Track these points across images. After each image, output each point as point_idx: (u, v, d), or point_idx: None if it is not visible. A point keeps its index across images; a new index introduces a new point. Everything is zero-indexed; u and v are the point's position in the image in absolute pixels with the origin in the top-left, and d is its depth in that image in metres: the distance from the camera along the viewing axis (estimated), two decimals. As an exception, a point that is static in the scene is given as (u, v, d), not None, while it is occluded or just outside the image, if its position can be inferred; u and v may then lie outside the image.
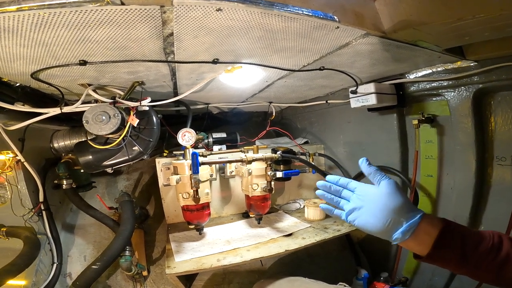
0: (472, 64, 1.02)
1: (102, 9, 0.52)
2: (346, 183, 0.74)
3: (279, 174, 1.30)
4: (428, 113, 1.25)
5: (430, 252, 0.59)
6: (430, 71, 1.15)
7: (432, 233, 0.59)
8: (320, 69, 1.06)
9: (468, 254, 0.57)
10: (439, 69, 1.12)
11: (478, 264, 0.57)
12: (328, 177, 0.77)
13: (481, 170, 1.12)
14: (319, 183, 0.77)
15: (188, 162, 1.21)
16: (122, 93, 1.08)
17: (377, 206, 0.65)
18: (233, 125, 2.11)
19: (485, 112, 1.09)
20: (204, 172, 1.25)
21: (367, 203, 0.68)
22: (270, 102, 1.76)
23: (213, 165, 1.52)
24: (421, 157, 1.32)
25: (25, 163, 1.23)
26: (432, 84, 1.17)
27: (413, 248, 0.63)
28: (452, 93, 1.12)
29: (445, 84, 1.13)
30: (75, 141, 1.34)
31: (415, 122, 1.23)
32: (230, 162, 1.41)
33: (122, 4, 0.51)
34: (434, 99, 1.24)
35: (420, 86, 1.23)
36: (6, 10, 0.50)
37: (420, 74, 1.20)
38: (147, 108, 1.09)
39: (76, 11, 0.52)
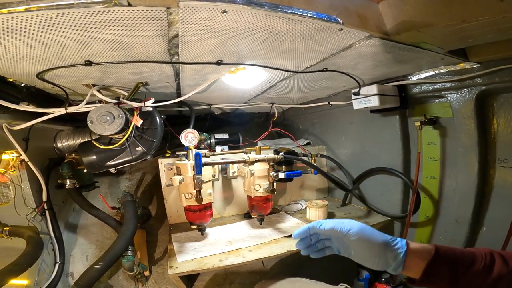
0: (475, 66, 1.03)
1: (109, 10, 0.53)
2: (318, 234, 0.75)
3: (282, 175, 1.30)
4: (430, 114, 1.25)
5: (419, 280, 0.63)
6: (433, 72, 1.16)
7: (421, 266, 0.62)
8: (323, 71, 1.06)
9: (458, 278, 0.59)
10: (442, 71, 1.12)
11: (469, 285, 0.58)
12: (294, 235, 0.80)
13: (484, 171, 1.11)
14: (297, 243, 0.80)
15: (191, 162, 1.22)
16: (126, 94, 1.09)
17: (360, 255, 0.68)
18: (235, 126, 2.12)
19: (488, 114, 1.09)
20: (207, 172, 1.26)
21: (350, 249, 0.70)
22: (273, 103, 1.76)
23: (216, 166, 1.52)
24: (424, 159, 1.32)
25: (29, 163, 1.23)
26: (435, 86, 1.17)
27: (410, 275, 0.66)
28: (455, 95, 1.12)
29: (448, 85, 1.13)
30: (78, 141, 1.35)
31: (418, 123, 1.23)
32: (232, 162, 1.41)
33: (129, 5, 0.52)
34: (436, 100, 1.24)
35: (422, 87, 1.23)
36: (14, 11, 0.50)
37: (423, 75, 1.20)
38: (150, 109, 1.10)
39: (84, 12, 0.52)
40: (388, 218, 1.47)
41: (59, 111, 1.02)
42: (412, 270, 0.64)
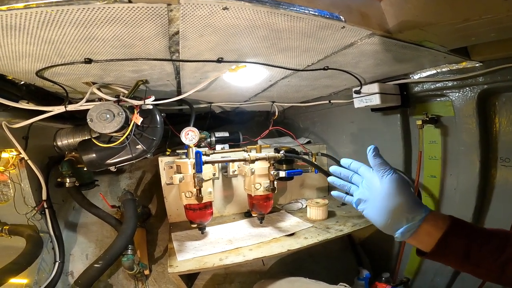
0: (477, 64, 1.02)
1: (109, 7, 0.52)
2: (357, 168, 0.73)
3: (282, 174, 1.30)
4: (432, 113, 1.24)
5: (431, 252, 0.60)
6: (435, 71, 1.15)
7: (435, 235, 0.59)
8: (324, 69, 1.06)
9: (471, 253, 0.57)
10: (444, 69, 1.12)
11: (480, 263, 0.57)
12: (342, 161, 0.76)
13: (485, 171, 1.11)
14: (332, 168, 0.78)
15: (191, 161, 1.21)
16: (126, 92, 1.08)
17: (378, 204, 0.65)
18: (236, 124, 2.11)
19: (490, 113, 1.09)
20: (207, 171, 1.25)
21: (372, 197, 0.68)
22: (273, 102, 1.76)
23: (216, 164, 1.52)
24: (425, 158, 1.32)
25: (29, 161, 1.23)
26: (437, 85, 1.17)
27: (416, 245, 0.64)
28: (457, 94, 1.12)
29: (450, 84, 1.12)
30: (78, 139, 1.34)
31: (419, 122, 1.23)
32: (233, 161, 1.41)
33: (130, 2, 0.51)
34: (438, 99, 1.24)
35: (424, 86, 1.23)
36: (13, 7, 0.50)
37: (424, 74, 1.20)
38: (151, 107, 1.09)
39: (83, 8, 0.52)
40: (389, 217, 1.46)
41: (58, 109, 1.01)
42: (422, 238, 0.61)
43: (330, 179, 0.78)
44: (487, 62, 0.99)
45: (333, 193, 0.78)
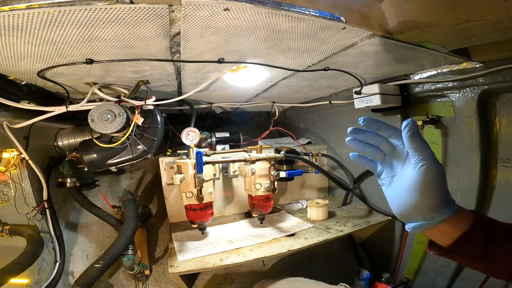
0: (477, 65, 1.02)
1: (111, 8, 0.53)
2: (389, 134, 0.60)
3: (283, 174, 1.30)
4: (432, 114, 1.24)
5: (447, 249, 0.55)
6: (435, 72, 1.15)
7: (452, 234, 0.53)
8: (324, 70, 1.06)
9: (490, 251, 0.52)
10: (444, 70, 1.12)
11: (495, 261, 0.53)
12: (364, 120, 0.61)
13: (485, 171, 1.11)
14: (351, 129, 0.63)
15: (192, 161, 1.21)
16: (127, 92, 1.08)
17: (402, 191, 0.56)
18: (236, 125, 2.12)
19: (490, 113, 1.09)
20: (208, 171, 1.26)
21: (398, 179, 0.58)
22: (273, 102, 1.76)
23: (216, 165, 1.52)
24: (425, 158, 1.32)
25: (30, 161, 1.23)
26: (437, 85, 1.17)
27: (431, 237, 0.58)
28: (457, 94, 1.12)
29: (450, 85, 1.12)
30: (79, 139, 1.34)
31: (420, 123, 1.22)
32: (233, 161, 1.41)
33: (131, 2, 0.52)
34: (438, 100, 1.24)
35: (425, 87, 1.23)
36: (15, 8, 0.50)
37: (425, 75, 1.20)
38: (151, 107, 1.10)
39: (85, 9, 0.52)
40: (389, 217, 1.46)
41: (60, 109, 1.02)
42: (436, 235, 0.55)
43: (350, 141, 0.63)
44: (488, 62, 0.99)
45: (352, 154, 0.65)
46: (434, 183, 0.54)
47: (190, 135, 1.27)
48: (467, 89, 1.09)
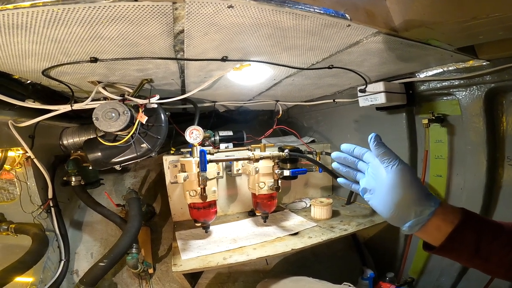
0: (484, 63, 1.01)
1: (115, 5, 0.53)
2: (361, 154, 0.69)
3: (287, 173, 1.30)
4: (438, 112, 1.23)
5: (440, 246, 0.57)
6: (441, 70, 1.14)
7: (444, 229, 0.56)
8: (329, 68, 1.05)
9: (481, 248, 0.54)
10: (450, 68, 1.11)
11: (490, 257, 0.54)
12: (343, 146, 0.72)
13: (492, 170, 1.10)
14: (334, 154, 0.74)
15: (195, 159, 1.21)
16: (131, 91, 1.08)
17: (384, 196, 0.62)
18: (239, 123, 2.12)
19: (497, 111, 1.08)
20: (211, 170, 1.26)
21: (378, 188, 0.64)
22: (277, 101, 1.75)
23: (220, 163, 1.52)
24: (431, 157, 1.31)
25: (35, 160, 1.23)
26: (443, 83, 1.16)
27: (424, 238, 0.61)
28: (464, 93, 1.11)
29: (457, 83, 1.11)
30: (84, 138, 1.35)
31: (425, 121, 1.22)
32: (237, 160, 1.41)
33: (135, 0, 0.51)
34: (444, 98, 1.22)
35: (430, 85, 1.21)
36: (20, 6, 0.50)
37: (431, 73, 1.18)
38: (155, 106, 1.10)
39: (89, 7, 0.52)
40: (394, 217, 1.45)
41: (64, 108, 1.02)
42: (431, 233, 0.58)
43: (335, 165, 0.74)
44: (494, 60, 0.98)
45: (339, 180, 0.74)
46: (409, 178, 0.59)
47: (194, 134, 1.27)
48: (474, 87, 1.08)
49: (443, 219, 0.56)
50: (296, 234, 1.32)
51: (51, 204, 1.35)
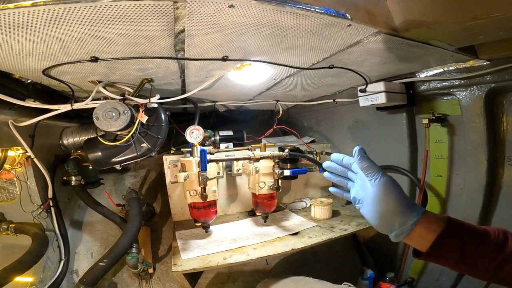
0: (484, 63, 1.01)
1: (116, 5, 0.52)
2: (349, 164, 0.72)
3: (287, 172, 1.30)
4: (438, 112, 1.23)
5: (426, 254, 0.60)
6: (442, 70, 1.14)
7: (428, 238, 0.59)
8: (329, 67, 1.05)
9: (467, 254, 0.56)
10: (450, 68, 1.11)
11: (476, 263, 0.56)
12: (333, 156, 0.75)
13: (492, 170, 1.10)
14: (325, 163, 0.77)
15: (196, 159, 1.21)
16: (131, 90, 1.08)
17: (370, 207, 0.66)
18: (239, 123, 2.12)
19: (497, 111, 1.08)
20: (212, 169, 1.25)
21: (365, 198, 0.67)
22: (277, 101, 1.75)
23: (220, 163, 1.52)
24: (431, 157, 1.31)
25: (35, 160, 1.23)
26: (444, 83, 1.16)
27: (412, 245, 0.64)
28: (464, 93, 1.11)
29: (457, 83, 1.11)
30: (84, 138, 1.35)
31: (425, 121, 1.22)
32: (237, 159, 1.41)
33: (136, -1, 0.52)
34: (445, 98, 1.22)
35: (431, 85, 1.21)
36: (21, 5, 0.50)
37: (431, 73, 1.19)
38: (156, 105, 1.10)
39: (90, 6, 0.52)
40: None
41: (65, 108, 1.02)
42: (416, 241, 0.61)
43: (326, 174, 0.77)
44: (495, 60, 0.98)
45: (331, 189, 0.77)
46: (391, 191, 0.63)
47: (194, 133, 1.27)
48: (474, 87, 1.08)
49: (427, 228, 0.59)
50: (296, 234, 1.32)
51: (51, 204, 1.35)
